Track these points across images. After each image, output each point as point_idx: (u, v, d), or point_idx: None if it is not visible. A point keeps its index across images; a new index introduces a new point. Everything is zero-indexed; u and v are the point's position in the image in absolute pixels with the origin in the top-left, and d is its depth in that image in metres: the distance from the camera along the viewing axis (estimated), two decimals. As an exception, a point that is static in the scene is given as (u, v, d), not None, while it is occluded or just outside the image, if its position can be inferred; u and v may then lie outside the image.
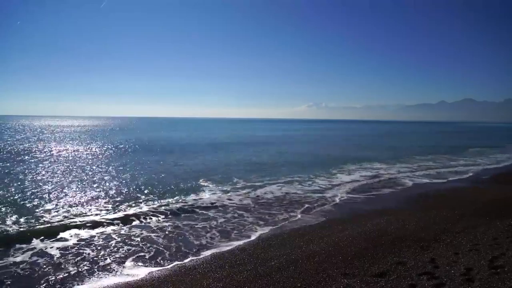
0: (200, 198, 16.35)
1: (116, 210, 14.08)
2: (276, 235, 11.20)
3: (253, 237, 11.08)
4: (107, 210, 14.13)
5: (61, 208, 14.18)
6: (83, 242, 10.51)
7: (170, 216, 13.45)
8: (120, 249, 9.97)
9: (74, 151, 38.01)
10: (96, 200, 15.68)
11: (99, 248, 10.07)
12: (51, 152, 35.83)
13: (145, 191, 17.56)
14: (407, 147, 47.21)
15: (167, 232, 11.53)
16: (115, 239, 10.85)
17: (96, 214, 13.44)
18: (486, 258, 8.07)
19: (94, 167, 25.70)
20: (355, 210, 14.44)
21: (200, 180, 20.76)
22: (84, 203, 15.11)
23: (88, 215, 13.28)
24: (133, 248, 10.07)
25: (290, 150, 42.80)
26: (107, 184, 19.48)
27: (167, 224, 12.45)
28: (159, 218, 13.14)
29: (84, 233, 11.32)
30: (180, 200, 15.89)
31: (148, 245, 10.36)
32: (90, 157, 32.66)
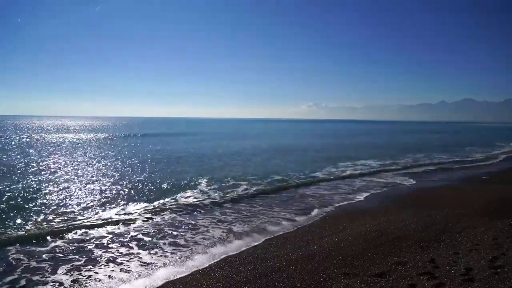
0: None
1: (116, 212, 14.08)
2: (276, 235, 11.21)
3: (252, 237, 11.08)
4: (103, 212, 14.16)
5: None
6: (78, 244, 10.54)
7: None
8: (120, 250, 9.99)
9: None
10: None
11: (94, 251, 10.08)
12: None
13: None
14: (407, 147, 47.18)
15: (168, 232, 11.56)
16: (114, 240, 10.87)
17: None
18: (486, 258, 8.06)
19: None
20: (355, 210, 14.42)
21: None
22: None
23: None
24: (134, 249, 10.09)
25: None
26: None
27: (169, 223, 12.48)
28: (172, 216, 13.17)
29: (80, 236, 11.35)
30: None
31: (149, 245, 10.38)
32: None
